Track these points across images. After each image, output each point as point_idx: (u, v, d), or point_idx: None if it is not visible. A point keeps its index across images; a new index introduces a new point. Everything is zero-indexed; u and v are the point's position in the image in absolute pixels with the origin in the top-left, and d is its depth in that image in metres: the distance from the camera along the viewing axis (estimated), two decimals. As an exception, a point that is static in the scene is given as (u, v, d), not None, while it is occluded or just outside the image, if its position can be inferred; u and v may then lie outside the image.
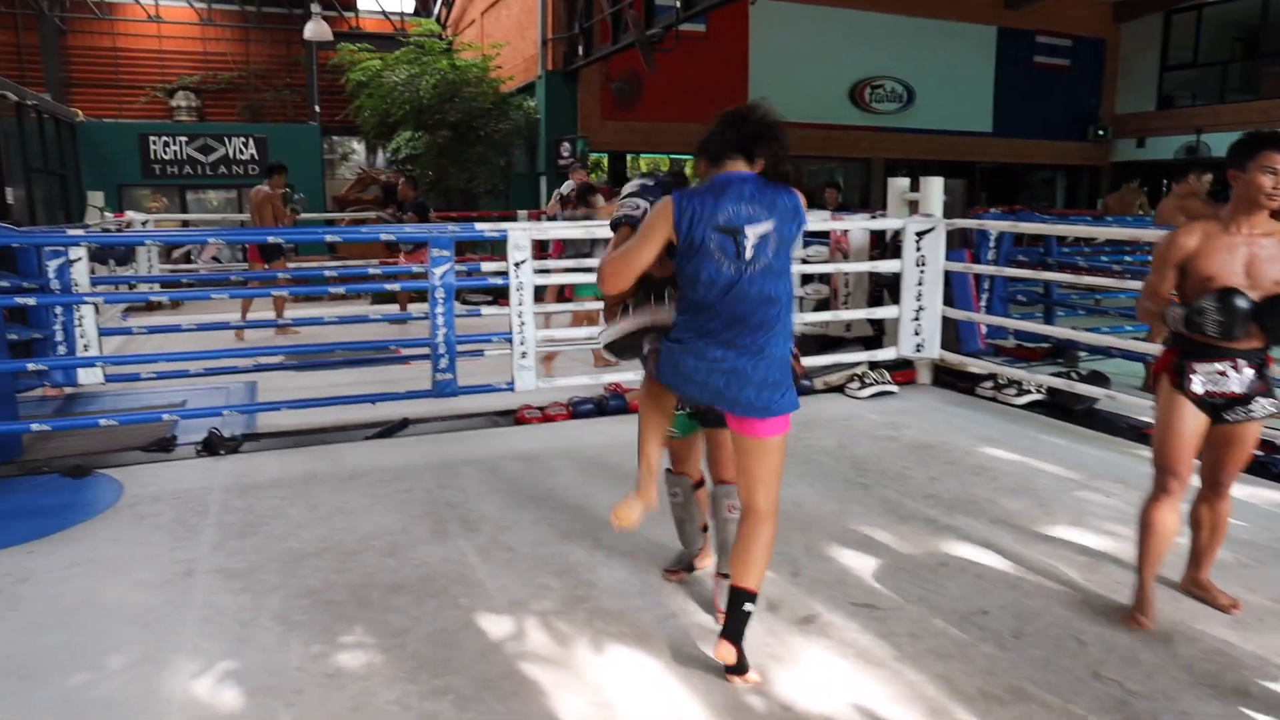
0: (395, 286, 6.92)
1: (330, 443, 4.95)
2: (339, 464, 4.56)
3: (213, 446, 4.75)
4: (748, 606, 2.53)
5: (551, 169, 13.97)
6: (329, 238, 5.31)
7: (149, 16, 19.02)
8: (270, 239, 7.22)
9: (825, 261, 6.96)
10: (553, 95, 14.21)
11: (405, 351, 5.65)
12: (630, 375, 5.73)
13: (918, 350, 6.02)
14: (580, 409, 5.47)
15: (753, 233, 2.39)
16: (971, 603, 3.00)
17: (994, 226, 6.24)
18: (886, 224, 6.34)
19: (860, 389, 5.97)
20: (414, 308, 9.49)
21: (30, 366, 4.50)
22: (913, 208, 6.34)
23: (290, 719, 2.35)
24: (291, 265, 8.78)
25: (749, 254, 2.38)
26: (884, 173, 17.59)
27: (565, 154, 13.58)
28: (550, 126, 14.17)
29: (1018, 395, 5.69)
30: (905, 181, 6.53)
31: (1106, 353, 6.45)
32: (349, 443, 4.95)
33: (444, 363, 4.98)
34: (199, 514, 3.85)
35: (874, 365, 6.16)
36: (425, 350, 5.12)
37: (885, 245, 6.58)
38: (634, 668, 2.62)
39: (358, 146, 19.84)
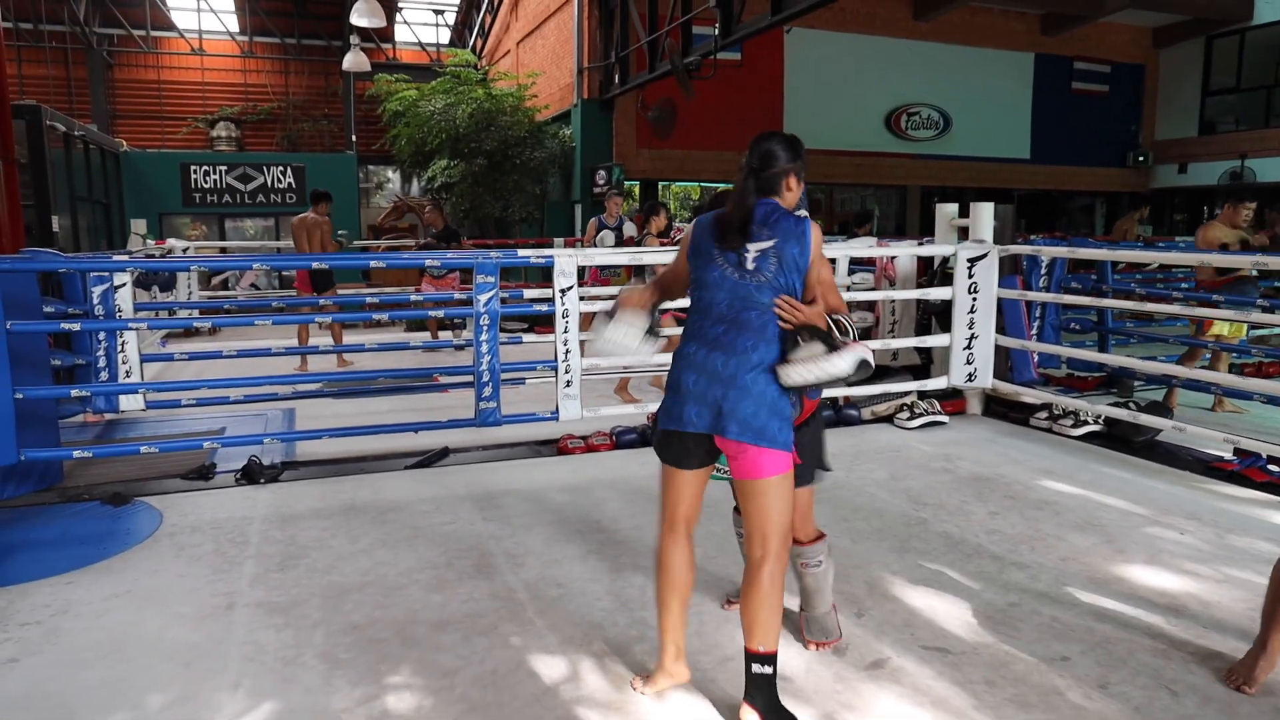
0: (439, 313, 6.87)
1: (370, 472, 4.87)
2: (380, 494, 4.47)
3: (252, 475, 4.69)
4: (759, 669, 2.37)
5: (586, 197, 13.97)
6: (373, 263, 5.25)
7: (192, 49, 19.42)
8: (316, 265, 7.24)
9: (871, 289, 6.83)
10: (588, 123, 14.24)
11: (447, 380, 5.56)
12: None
13: (969, 380, 5.84)
14: (624, 439, 5.35)
15: (754, 248, 2.42)
16: (1050, 647, 2.83)
17: (1049, 252, 6.07)
18: (936, 250, 6.19)
19: (909, 419, 5.80)
20: (442, 334, 9.49)
21: (74, 393, 4.45)
22: (961, 234, 6.20)
23: (337, 766, 2.23)
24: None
25: (750, 265, 2.42)
26: (920, 200, 17.45)
27: (600, 182, 13.59)
28: (585, 154, 14.19)
29: (1074, 426, 5.49)
30: (953, 207, 6.39)
31: (1166, 381, 6.23)
32: (389, 472, 4.86)
33: (488, 391, 4.89)
34: (239, 545, 3.77)
35: (923, 395, 6.00)
36: (468, 378, 5.04)
37: (934, 272, 6.43)
38: (693, 712, 2.48)
39: (393, 175, 20.04)
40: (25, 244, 6.88)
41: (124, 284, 4.96)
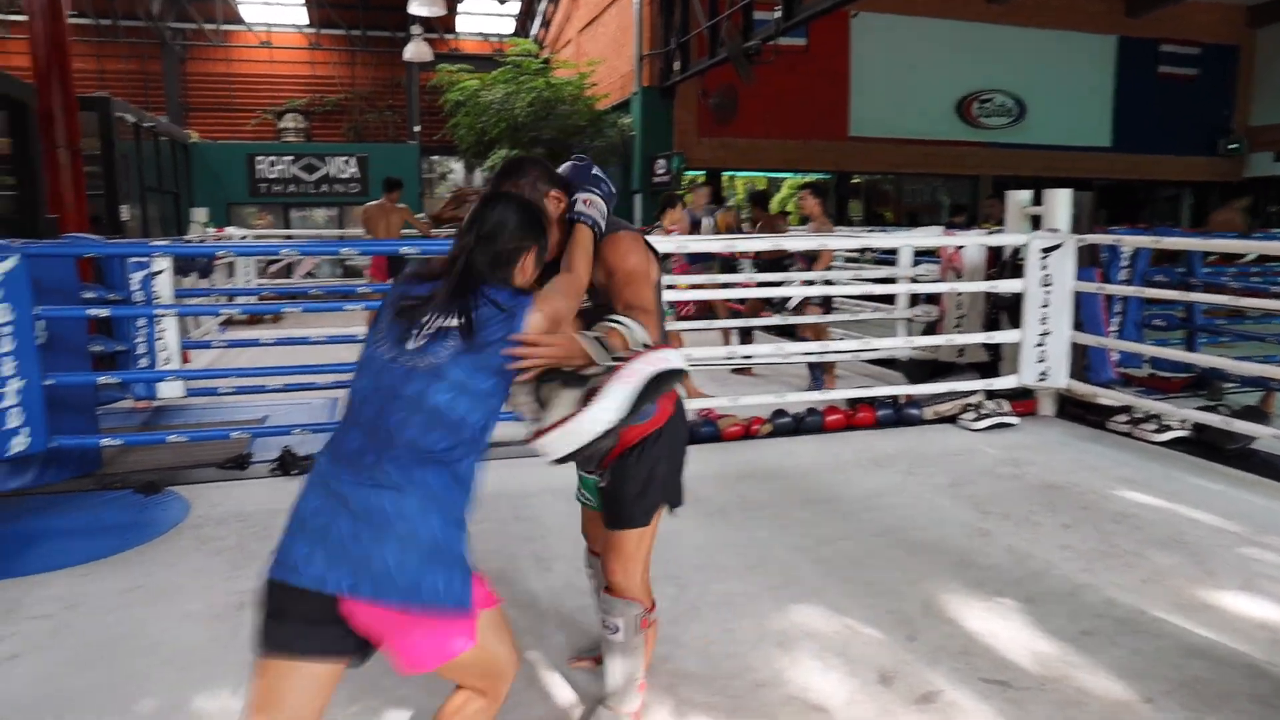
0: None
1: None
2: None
3: (286, 466, 4.58)
4: None
5: (646, 186, 13.74)
6: (403, 249, 5.10)
7: (261, 43, 19.72)
8: (390, 252, 7.19)
9: (935, 281, 6.46)
10: (648, 112, 13.99)
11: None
12: (723, 400, 5.35)
13: (1041, 379, 5.45)
14: (668, 435, 5.10)
15: (432, 324, 1.66)
16: (1130, 685, 2.50)
17: (1131, 242, 5.63)
18: (1006, 240, 5.80)
19: (975, 420, 5.44)
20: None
21: (103, 380, 4.39)
22: (1034, 223, 5.79)
23: (323, 793, 2.05)
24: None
25: (416, 343, 1.65)
26: (991, 191, 16.79)
27: (660, 171, 13.34)
28: (645, 143, 13.94)
29: (1157, 431, 5.06)
30: (1026, 194, 5.98)
31: (1263, 384, 5.74)
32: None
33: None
34: (261, 539, 3.64)
35: (990, 394, 5.62)
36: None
37: (1004, 264, 6.03)
38: (721, 748, 2.23)
39: (455, 165, 20.08)
40: (95, 233, 6.94)
41: (162, 270, 4.89)
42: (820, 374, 6.42)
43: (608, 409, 1.71)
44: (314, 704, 1.61)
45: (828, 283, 6.38)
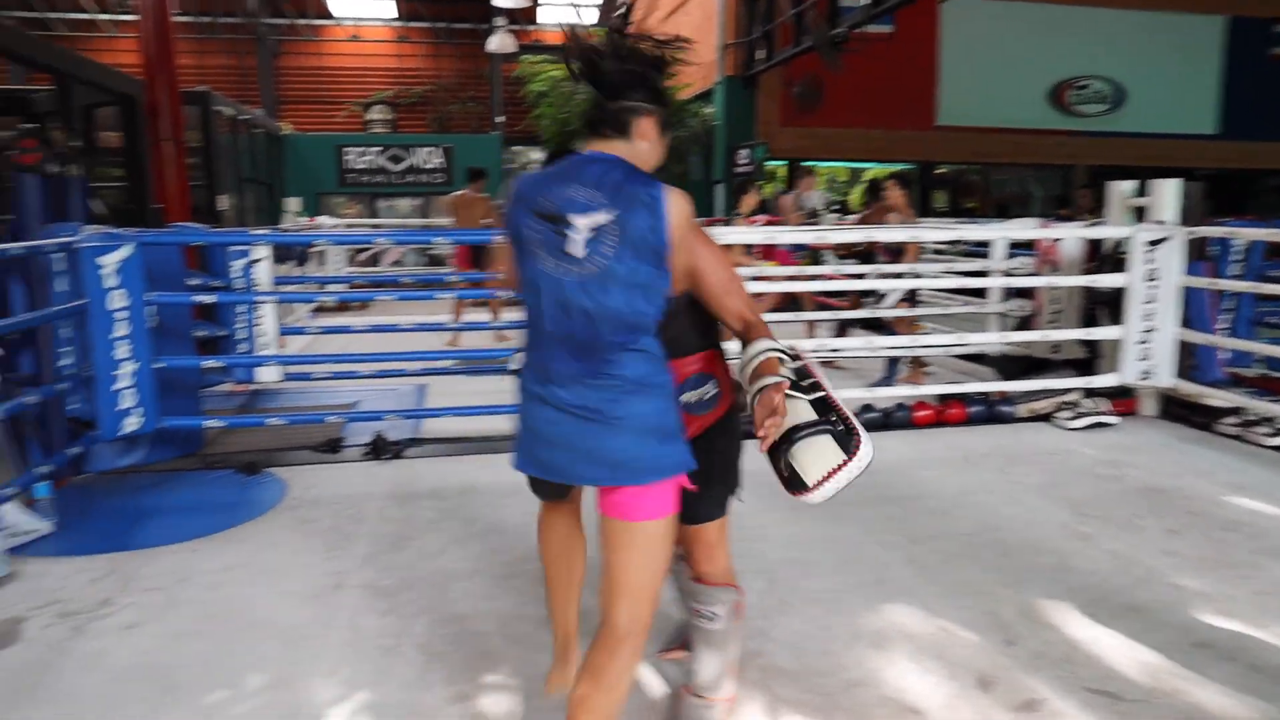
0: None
1: (493, 452, 4.78)
2: (499, 476, 4.35)
3: (377, 450, 4.69)
4: None
5: (728, 177, 13.64)
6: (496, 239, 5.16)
7: (350, 36, 20.22)
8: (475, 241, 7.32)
9: (1031, 274, 6.25)
10: (731, 101, 13.88)
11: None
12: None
13: (1144, 377, 5.23)
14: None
15: (583, 224, 1.73)
16: (1246, 703, 2.38)
17: (1246, 234, 5.35)
18: (1107, 233, 5.57)
19: (1072, 419, 5.25)
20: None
21: (205, 364, 4.56)
22: (1138, 215, 5.56)
23: (422, 773, 2.09)
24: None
25: (579, 250, 1.72)
26: (1085, 181, 16.18)
27: (742, 161, 13.22)
28: (727, 133, 13.84)
29: (1272, 435, 4.82)
30: (1129, 185, 5.74)
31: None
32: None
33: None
34: (355, 521, 3.73)
35: (1088, 392, 5.42)
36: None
37: (1104, 257, 5.80)
38: (815, 747, 2.21)
39: (536, 155, 20.26)
40: (196, 222, 7.23)
41: (262, 258, 5.06)
42: (897, 368, 6.31)
43: (866, 445, 1.83)
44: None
45: (914, 276, 6.24)
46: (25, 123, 4.18)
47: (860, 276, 6.35)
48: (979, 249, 8.13)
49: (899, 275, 6.17)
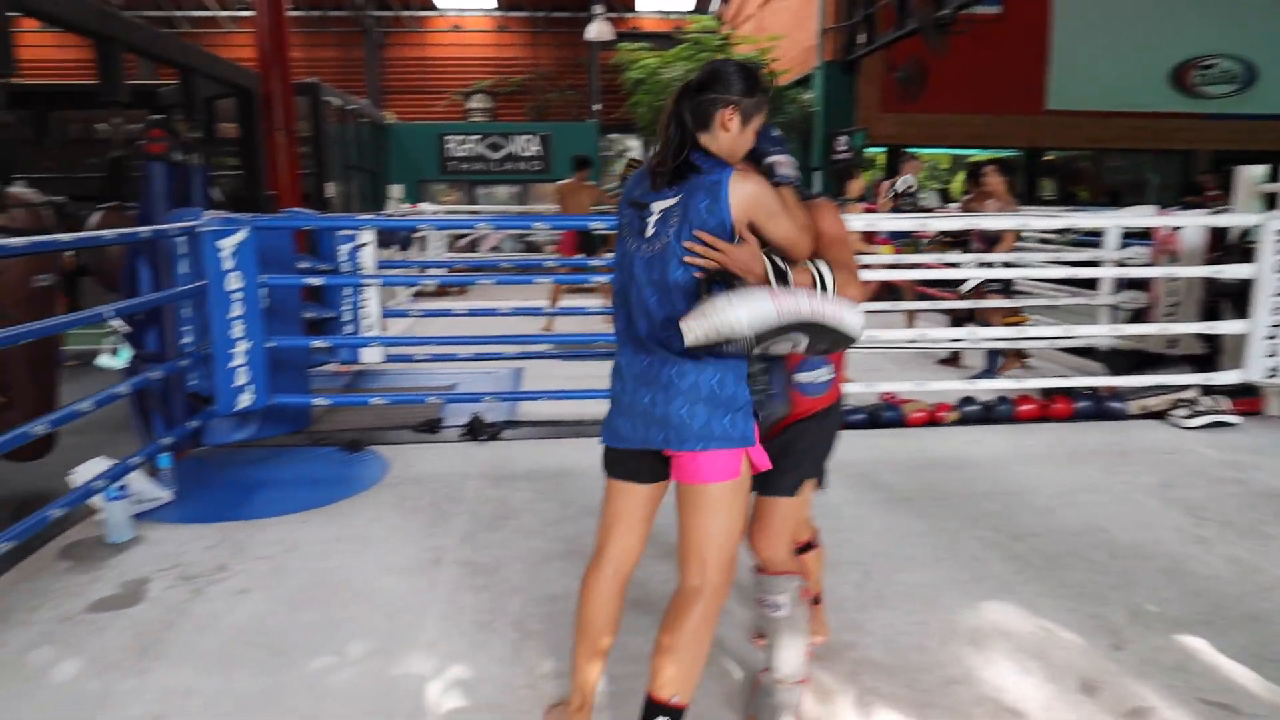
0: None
1: (587, 436, 4.84)
2: (594, 459, 4.38)
3: (475, 431, 4.80)
4: None
5: (826, 163, 13.42)
6: (596, 226, 5.20)
7: (452, 27, 20.64)
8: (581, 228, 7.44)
9: (1147, 265, 5.96)
10: (830, 87, 13.63)
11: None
12: (908, 385, 5.17)
13: (1271, 375, 4.93)
14: (849, 419, 4.99)
15: (657, 208, 1.90)
16: (1380, 720, 2.24)
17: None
18: (1234, 221, 5.26)
19: (1189, 417, 4.99)
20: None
21: (314, 344, 4.74)
22: (1269, 202, 5.23)
23: (515, 746, 2.14)
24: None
25: (650, 230, 1.90)
26: (1209, 168, 15.30)
27: (841, 148, 12.98)
28: (826, 119, 13.60)
29: None
30: (1259, 170, 5.40)
31: None
32: (604, 437, 4.81)
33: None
34: (453, 500, 3.83)
35: (1207, 390, 5.14)
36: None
37: (1229, 247, 5.49)
38: (909, 742, 2.16)
39: (632, 143, 20.32)
40: (306, 208, 7.52)
41: (367, 242, 5.22)
42: (997, 361, 6.11)
43: (742, 307, 1.74)
44: (646, 513, 2.11)
45: (1006, 265, 6.01)
46: (153, 115, 4.39)
47: (957, 265, 6.17)
48: (1089, 238, 7.80)
49: (993, 265, 5.97)
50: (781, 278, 1.91)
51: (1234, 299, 5.33)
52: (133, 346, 4.14)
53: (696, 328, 1.77)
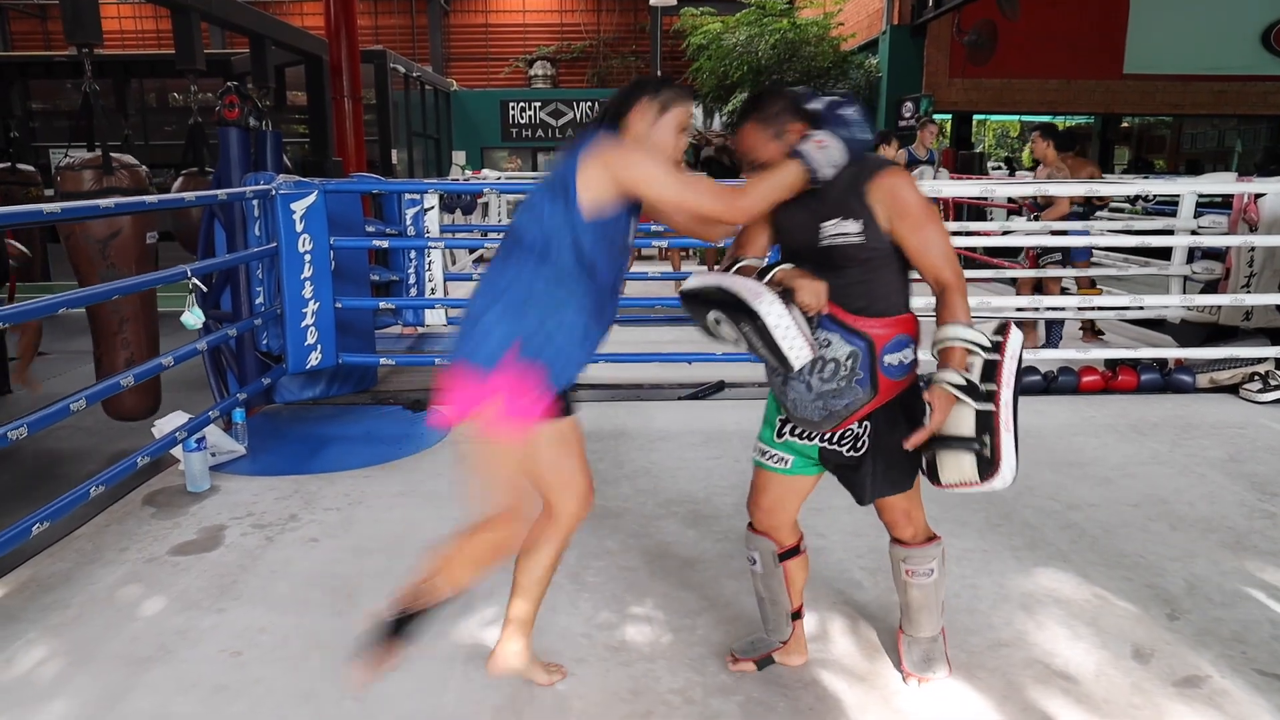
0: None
1: (645, 399, 4.91)
2: (650, 422, 4.48)
3: (533, 393, 4.89)
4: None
5: (892, 130, 13.19)
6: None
7: (516, -8, 20.70)
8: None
9: (1223, 234, 5.77)
10: (896, 52, 13.36)
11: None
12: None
13: (1351, 349, 4.76)
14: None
15: None
16: None
17: None
18: (1318, 188, 5.07)
19: (1261, 391, 4.86)
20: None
21: (382, 305, 4.88)
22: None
23: (568, 690, 2.23)
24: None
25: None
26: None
27: (907, 114, 12.74)
28: (892, 85, 13.35)
29: None
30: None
31: None
32: (661, 401, 4.87)
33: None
34: (513, 458, 3.93)
35: (1281, 364, 4.99)
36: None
37: (1312, 216, 5.28)
38: (954, 701, 2.19)
39: (694, 110, 20.21)
40: (372, 174, 7.69)
41: (432, 206, 5.33)
42: (1057, 331, 6.00)
43: (1003, 476, 1.93)
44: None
45: (1059, 233, 5.88)
46: (228, 82, 4.54)
47: (1008, 233, 6.07)
48: (1161, 207, 7.57)
49: (1041, 233, 5.86)
50: (980, 385, 1.94)
51: (1315, 270, 5.15)
52: (209, 306, 4.33)
53: (957, 490, 1.98)
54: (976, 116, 14.50)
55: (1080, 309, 5.66)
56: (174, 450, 3.60)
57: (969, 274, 7.05)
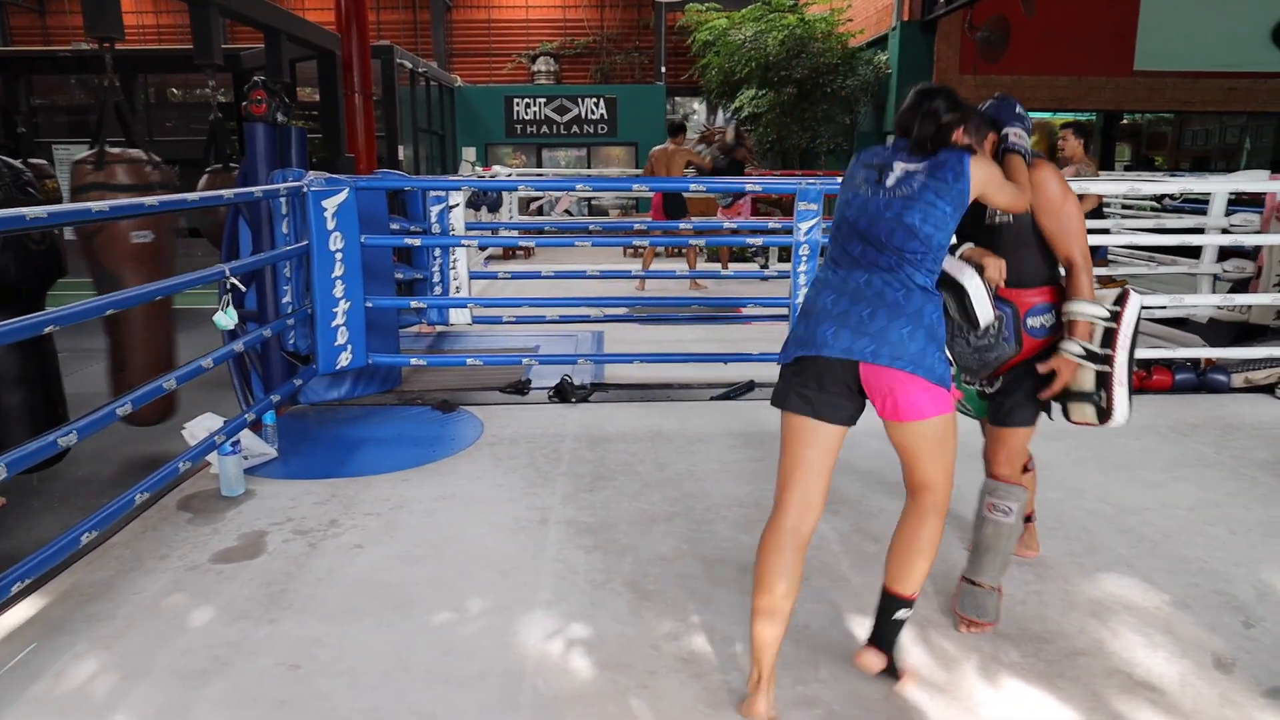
0: (758, 241, 6.78)
1: (675, 400, 4.85)
2: (685, 423, 4.41)
3: (564, 394, 4.83)
4: (901, 614, 2.16)
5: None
6: (693, 187, 5.16)
7: (519, -13, 20.56)
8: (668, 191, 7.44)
9: (1255, 232, 5.72)
10: (906, 48, 13.29)
11: (759, 311, 5.40)
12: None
13: (1391, 348, 4.71)
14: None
15: (899, 168, 2.13)
16: None
17: None
18: (1355, 186, 5.01)
19: (1298, 391, 4.81)
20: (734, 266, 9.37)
21: (413, 304, 4.80)
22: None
23: (641, 705, 2.16)
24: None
25: (890, 181, 2.12)
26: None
27: (917, 110, 12.66)
28: (901, 82, 13.28)
29: None
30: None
31: None
32: (693, 401, 4.81)
33: (798, 325, 4.65)
34: (552, 461, 3.87)
35: (1318, 363, 4.94)
36: (781, 310, 4.83)
37: (1347, 213, 5.23)
38: (1040, 712, 2.13)
39: (698, 106, 20.10)
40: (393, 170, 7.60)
41: (458, 204, 5.26)
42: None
43: (1118, 416, 2.41)
44: (827, 459, 2.09)
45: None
46: (244, 78, 4.46)
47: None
48: (1184, 205, 7.52)
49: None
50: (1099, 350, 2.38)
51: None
52: (236, 305, 4.24)
53: (1123, 407, 2.40)
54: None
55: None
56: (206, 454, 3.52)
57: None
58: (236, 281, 3.35)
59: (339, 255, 4.17)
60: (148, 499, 2.99)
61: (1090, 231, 5.77)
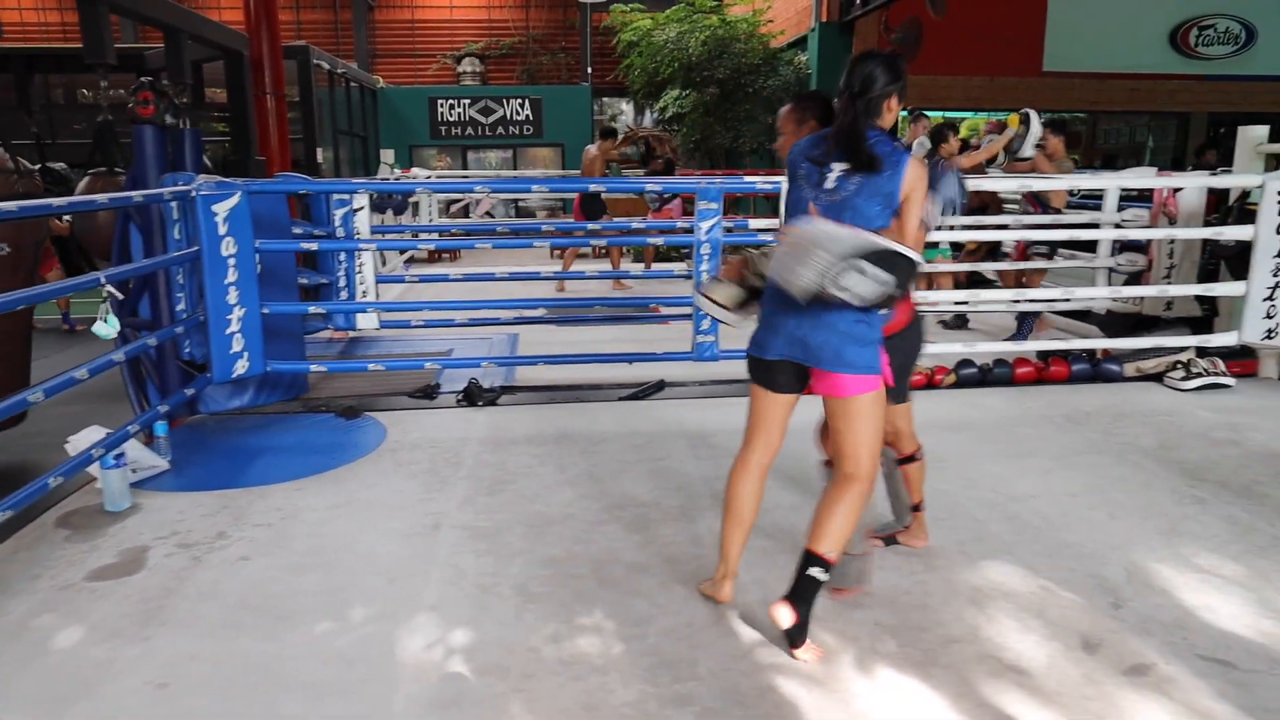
0: (658, 240, 6.78)
1: (585, 401, 4.84)
2: (593, 424, 4.41)
3: (472, 397, 4.78)
4: (814, 572, 2.34)
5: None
6: (592, 187, 5.15)
7: (443, -12, 20.32)
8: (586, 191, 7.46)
9: (1145, 227, 5.94)
10: (825, 49, 13.48)
11: (666, 311, 5.42)
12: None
13: (1268, 337, 4.93)
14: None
15: (837, 167, 2.33)
16: (1377, 676, 2.26)
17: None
18: (1234, 182, 5.24)
19: (1184, 379, 5.00)
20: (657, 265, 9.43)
21: (312, 309, 4.70)
22: (1272, 163, 5.20)
23: (518, 707, 2.14)
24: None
25: (829, 184, 2.33)
26: (1205, 130, 15.23)
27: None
28: (821, 82, 13.46)
29: None
30: (1261, 130, 5.37)
31: None
32: (603, 402, 4.81)
33: (706, 324, 4.69)
34: (453, 465, 3.83)
35: (1202, 352, 5.15)
36: (686, 310, 4.85)
37: (1228, 209, 5.47)
38: (911, 701, 2.18)
39: (625, 107, 20.13)
40: (296, 174, 7.43)
41: (362, 207, 5.17)
42: (1030, 325, 6.08)
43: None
44: (783, 415, 2.52)
45: (1000, 227, 6.01)
46: (141, 78, 4.31)
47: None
48: (1084, 201, 7.77)
49: (1004, 227, 5.95)
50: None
51: (1231, 261, 5.33)
52: (126, 314, 4.11)
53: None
54: (901, 113, 14.73)
55: (1014, 301, 5.77)
56: (90, 468, 3.40)
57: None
58: (113, 289, 3.23)
59: (232, 261, 4.07)
60: (11, 517, 2.86)
61: (996, 228, 5.94)
